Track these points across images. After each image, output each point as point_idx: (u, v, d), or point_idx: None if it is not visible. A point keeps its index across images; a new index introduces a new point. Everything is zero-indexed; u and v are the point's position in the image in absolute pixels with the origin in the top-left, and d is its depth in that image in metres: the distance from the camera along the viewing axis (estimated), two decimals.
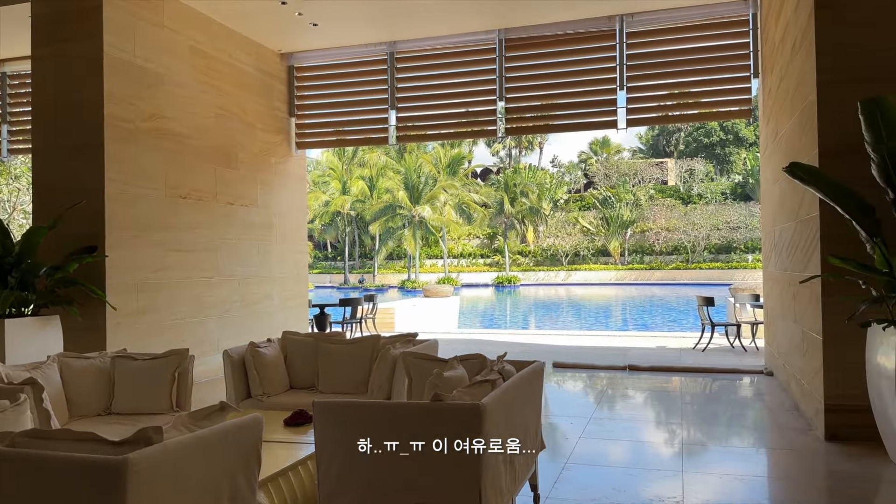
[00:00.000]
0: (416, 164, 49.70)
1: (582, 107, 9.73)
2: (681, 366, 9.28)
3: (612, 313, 28.73)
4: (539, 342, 12.39)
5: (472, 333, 14.55)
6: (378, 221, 48.41)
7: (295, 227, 11.06)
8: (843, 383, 5.44)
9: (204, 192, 9.13)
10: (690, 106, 9.38)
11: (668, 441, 5.87)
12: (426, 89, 10.40)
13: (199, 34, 9.19)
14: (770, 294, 8.75)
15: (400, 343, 5.08)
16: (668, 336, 13.30)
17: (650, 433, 6.25)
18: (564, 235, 53.40)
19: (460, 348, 11.56)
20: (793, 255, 6.86)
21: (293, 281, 10.98)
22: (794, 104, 6.66)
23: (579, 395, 8.12)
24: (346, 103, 10.78)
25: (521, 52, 9.87)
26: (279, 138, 10.78)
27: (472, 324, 23.83)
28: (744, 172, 58.55)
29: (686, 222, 50.21)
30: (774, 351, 8.51)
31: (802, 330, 6.43)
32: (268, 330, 10.21)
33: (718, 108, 9.31)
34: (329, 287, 53.44)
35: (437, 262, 54.68)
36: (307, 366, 5.46)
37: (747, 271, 47.07)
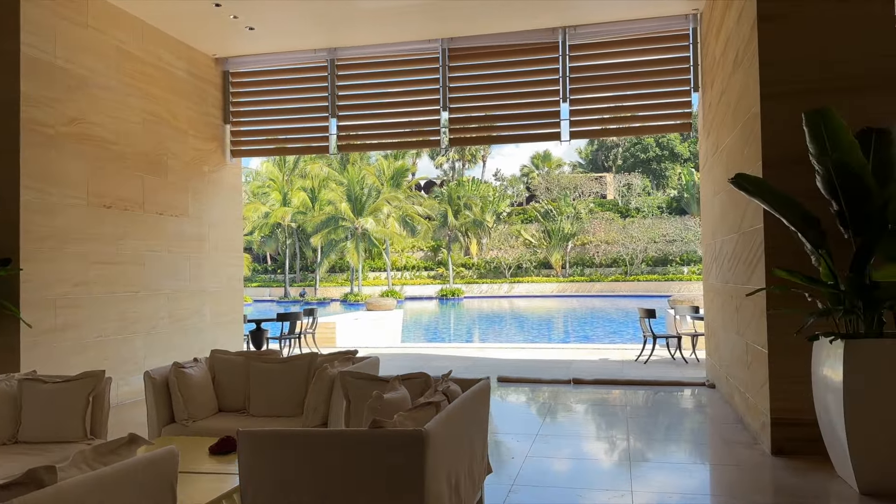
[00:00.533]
0: (360, 175, 49.24)
1: (525, 118, 9.65)
2: (624, 378, 9.22)
3: (554, 325, 28.90)
4: (483, 356, 12.21)
5: (415, 348, 14.27)
6: (320, 234, 47.65)
7: (229, 239, 10.59)
8: (789, 396, 5.40)
9: (130, 201, 8.62)
10: (632, 119, 9.41)
11: (615, 458, 5.73)
12: (368, 98, 10.14)
13: (126, 35, 8.71)
14: (711, 306, 8.80)
15: (338, 361, 4.78)
16: (611, 348, 13.33)
17: (596, 450, 6.11)
18: (507, 248, 53.76)
19: (403, 364, 11.32)
20: (735, 267, 6.87)
21: (227, 295, 10.50)
22: (736, 117, 6.68)
23: (524, 410, 7.95)
24: (285, 111, 10.41)
25: (465, 63, 9.74)
26: (213, 146, 10.32)
27: (416, 338, 23.53)
28: (679, 187, 60.27)
29: (624, 235, 51.29)
30: (716, 363, 8.54)
31: (746, 342, 6.41)
32: (198, 347, 9.71)
33: (659, 122, 9.37)
34: (269, 301, 52.23)
35: (380, 275, 54.17)
36: (237, 387, 5.10)
37: (683, 283, 48.29)
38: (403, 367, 10.70)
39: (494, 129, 9.79)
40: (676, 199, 58.77)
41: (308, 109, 10.26)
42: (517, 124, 9.70)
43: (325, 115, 10.11)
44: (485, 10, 8.80)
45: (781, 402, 5.45)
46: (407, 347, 14.24)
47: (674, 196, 59.81)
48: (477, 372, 9.86)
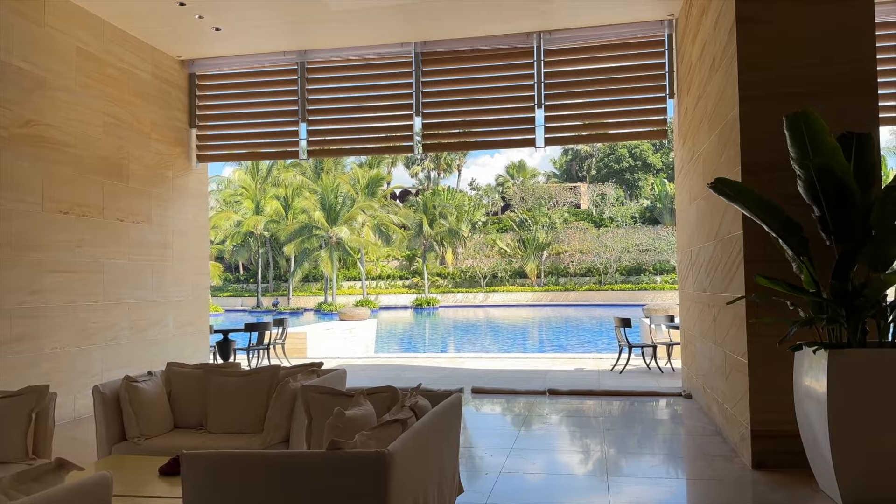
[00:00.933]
0: (334, 184, 48.82)
1: (500, 124, 9.48)
2: (600, 389, 9.05)
3: (529, 335, 28.78)
4: (458, 366, 11.97)
5: (389, 359, 13.99)
6: (293, 242, 47.11)
7: (194, 247, 10.25)
8: (769, 408, 5.26)
9: (89, 206, 8.26)
10: (607, 126, 9.29)
11: (591, 472, 5.52)
12: (339, 102, 9.91)
13: (87, 35, 8.38)
14: (687, 315, 8.67)
15: (302, 374, 4.51)
16: (586, 357, 13.18)
17: (572, 464, 5.90)
18: (482, 257, 53.66)
19: (375, 375, 11.04)
20: (712, 275, 6.74)
21: (192, 305, 10.14)
22: (713, 122, 6.57)
23: (499, 422, 7.72)
24: (253, 115, 10.12)
25: (439, 67, 9.55)
26: (178, 150, 9.99)
27: (390, 348, 23.21)
28: (651, 197, 60.83)
29: (598, 245, 51.51)
30: (693, 373, 8.40)
31: (725, 352, 6.27)
32: (161, 358, 9.35)
33: (635, 129, 9.26)
34: (241, 311, 51.46)
35: (355, 284, 53.71)
36: (195, 402, 4.80)
37: (657, 292, 48.64)
38: (375, 378, 10.42)
39: (469, 136, 9.61)
40: (649, 209, 59.29)
41: (277, 114, 9.98)
42: (491, 130, 9.53)
43: (295, 120, 9.85)
44: (459, 13, 8.64)
45: (762, 414, 5.30)
46: (380, 358, 13.95)
47: (647, 206, 60.34)
48: (451, 383, 9.62)
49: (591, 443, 6.55)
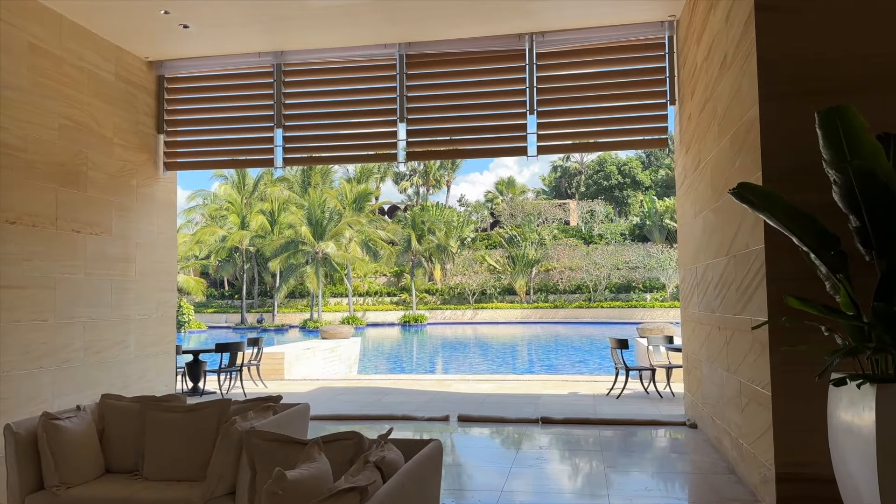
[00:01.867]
0: (321, 199, 48.11)
1: (490, 132, 8.86)
2: (597, 417, 8.36)
3: (519, 353, 28.07)
4: (443, 390, 11.26)
5: (371, 380, 13.25)
6: (279, 258, 46.26)
7: (160, 261, 9.52)
8: (798, 447, 4.60)
9: (40, 216, 7.53)
10: (603, 133, 8.70)
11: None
12: (318, 107, 9.26)
13: (42, 30, 7.70)
14: (692, 337, 8.03)
15: (255, 412, 3.81)
16: (580, 380, 12.50)
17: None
18: (471, 274, 52.99)
19: (354, 400, 10.28)
20: (724, 294, 6.11)
21: (156, 324, 9.39)
22: (724, 126, 5.97)
23: (488, 458, 7.00)
24: (226, 120, 9.44)
25: (424, 70, 8.94)
26: (143, 157, 9.29)
27: (376, 367, 22.44)
28: (641, 214, 60.57)
29: (588, 262, 51.00)
30: (698, 400, 7.75)
31: (740, 381, 5.62)
32: (121, 383, 8.60)
33: (633, 137, 8.66)
34: (225, 327, 50.48)
35: (341, 301, 52.84)
36: (130, 442, 4.09)
37: (647, 310, 48.17)
38: (353, 403, 9.69)
39: (456, 143, 8.99)
40: (639, 226, 59.00)
41: (251, 119, 9.32)
42: (481, 137, 8.91)
43: (271, 126, 9.18)
44: (445, 12, 8.04)
45: (789, 454, 4.64)
46: (362, 380, 13.21)
47: (636, 223, 60.04)
48: (435, 409, 8.91)
49: (592, 485, 5.85)
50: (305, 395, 11.06)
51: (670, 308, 47.42)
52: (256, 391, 11.49)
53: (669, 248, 51.29)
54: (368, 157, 9.33)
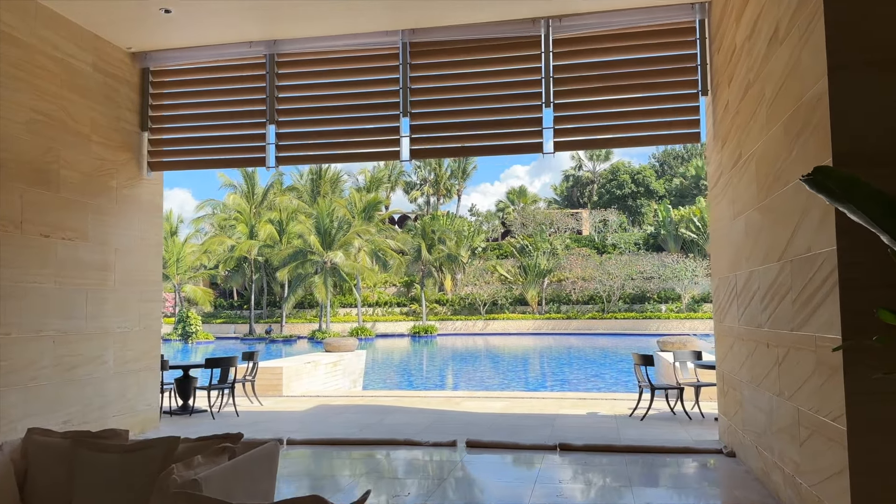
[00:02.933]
0: (330, 208, 47.48)
1: (502, 126, 8.06)
2: (622, 444, 7.49)
3: (531, 366, 27.14)
4: (451, 409, 10.41)
5: (374, 397, 12.42)
6: (287, 267, 45.61)
7: (143, 269, 8.76)
8: (884, 495, 3.73)
9: (2, 219, 6.79)
10: (627, 128, 7.86)
11: None
12: (314, 101, 8.51)
13: (10, 16, 7.00)
14: (730, 354, 7.16)
15: (205, 456, 3.00)
16: (599, 398, 11.61)
17: None
18: (482, 284, 52.10)
19: (352, 420, 9.42)
20: (776, 305, 5.25)
21: (139, 337, 8.62)
22: (776, 110, 5.14)
23: (500, 496, 6.14)
24: (215, 116, 8.70)
25: (430, 60, 8.16)
26: (125, 157, 8.56)
27: (384, 380, 21.61)
28: (655, 223, 59.51)
29: (601, 272, 49.99)
30: (737, 426, 6.86)
31: (798, 409, 4.76)
32: (97, 402, 7.83)
33: (660, 131, 7.83)
34: (233, 338, 49.85)
35: (351, 311, 52.07)
36: (58, 485, 3.29)
37: (662, 321, 47.10)
38: (350, 424, 8.87)
39: (464, 140, 8.19)
40: (653, 235, 57.96)
41: (241, 115, 8.57)
42: (491, 133, 8.11)
43: (263, 122, 8.43)
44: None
45: (869, 501, 3.78)
46: (365, 396, 12.38)
47: (650, 232, 58.99)
48: (441, 432, 8.07)
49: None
50: (302, 413, 10.25)
51: (686, 319, 46.36)
52: (251, 409, 10.69)
53: (685, 258, 50.23)
54: (369, 155, 8.56)
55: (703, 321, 45.93)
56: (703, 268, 48.95)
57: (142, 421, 8.63)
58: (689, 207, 56.15)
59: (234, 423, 9.44)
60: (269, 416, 10.05)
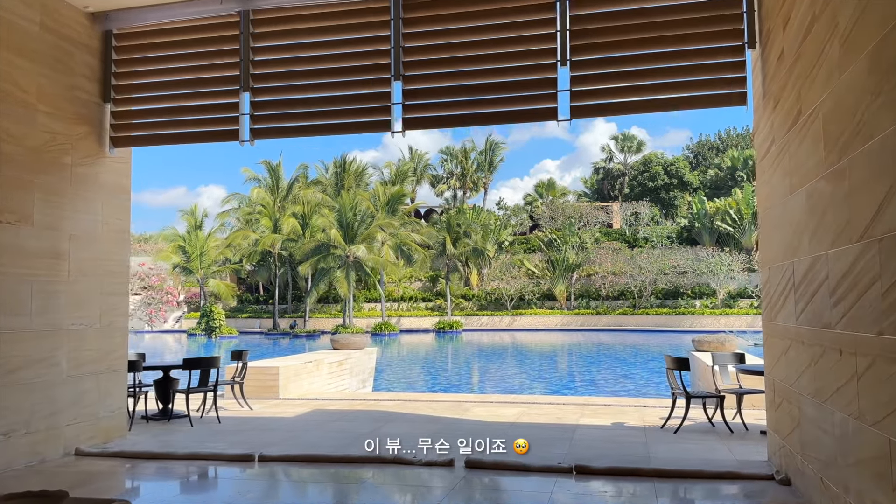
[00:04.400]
0: (353, 201, 46.58)
1: (509, 89, 6.86)
2: (651, 467, 6.26)
3: (557, 365, 25.84)
4: (459, 416, 9.27)
5: (378, 401, 11.32)
6: (309, 262, 44.83)
7: (106, 259, 7.76)
8: None
9: None
10: (657, 89, 6.59)
11: None
12: (293, 64, 7.40)
13: None
14: (783, 359, 5.89)
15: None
16: (625, 404, 10.37)
17: None
18: (509, 278, 50.76)
19: (343, 430, 8.25)
20: (852, 301, 4.00)
21: (100, 335, 7.63)
22: (857, 40, 3.88)
23: None
24: (183, 83, 7.64)
25: (426, 14, 6.99)
26: (82, 130, 7.55)
27: (398, 380, 20.55)
28: (689, 216, 57.49)
29: (632, 266, 48.28)
30: (793, 448, 5.60)
31: (890, 440, 3.52)
32: (46, 410, 6.86)
33: (696, 92, 6.54)
34: (258, 333, 49.39)
35: (376, 306, 51.18)
36: None
37: (696, 317, 45.32)
38: (340, 434, 7.77)
39: (465, 106, 7.01)
40: (686, 228, 55.99)
41: (212, 81, 7.51)
42: (498, 98, 6.91)
43: (236, 89, 7.36)
44: None
45: None
46: (367, 401, 11.29)
47: (684, 225, 57.01)
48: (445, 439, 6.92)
49: None
50: (292, 420, 9.20)
51: (721, 316, 44.54)
52: (239, 413, 9.69)
53: (720, 252, 48.29)
54: (355, 126, 7.41)
55: (740, 317, 44.10)
56: (740, 262, 47.01)
57: (105, 430, 7.64)
58: (724, 199, 54.06)
59: (216, 431, 8.45)
60: (254, 423, 9.02)
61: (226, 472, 6.50)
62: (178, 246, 50.34)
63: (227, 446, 7.34)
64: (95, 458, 6.88)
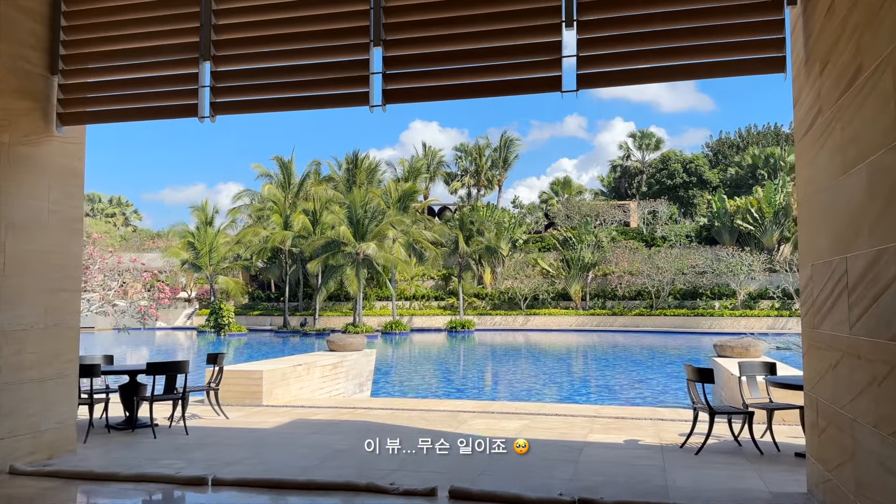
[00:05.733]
0: (364, 198, 45.75)
1: (505, 55, 5.89)
2: (672, 502, 5.27)
3: (571, 368, 24.80)
4: (453, 430, 8.32)
5: (368, 410, 10.41)
6: (318, 259, 44.06)
7: (53, 251, 6.90)
8: None
9: None
10: (677, 53, 5.58)
11: None
12: (259, 28, 6.46)
13: None
14: (830, 375, 4.88)
15: None
16: (640, 416, 9.36)
17: None
18: (523, 277, 49.70)
19: (322, 446, 7.17)
20: None
21: (45, 337, 6.76)
22: None
23: None
24: (138, 52, 6.74)
25: None
26: (25, 106, 6.68)
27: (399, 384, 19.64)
28: (708, 215, 56.07)
29: (650, 266, 47.01)
30: (843, 484, 4.59)
31: None
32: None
33: (724, 56, 5.53)
34: (268, 330, 48.81)
35: (387, 305, 50.35)
36: None
37: (715, 318, 44.04)
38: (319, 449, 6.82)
39: (457, 75, 6.05)
40: (706, 227, 54.59)
41: (168, 49, 6.60)
42: (495, 65, 5.94)
43: (195, 58, 6.46)
44: None
45: None
46: (356, 410, 10.34)
47: (703, 224, 55.59)
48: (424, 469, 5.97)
49: None
50: (267, 432, 8.30)
51: (741, 317, 43.23)
52: (213, 423, 8.82)
53: (740, 252, 46.89)
54: (331, 98, 6.47)
55: (760, 319, 42.81)
56: (761, 262, 45.63)
57: (49, 444, 6.77)
58: (745, 198, 52.58)
59: (179, 444, 7.56)
60: (224, 435, 8.14)
61: (171, 498, 5.61)
62: (187, 242, 49.83)
63: (183, 465, 6.45)
64: (28, 478, 6.01)
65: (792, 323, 42.12)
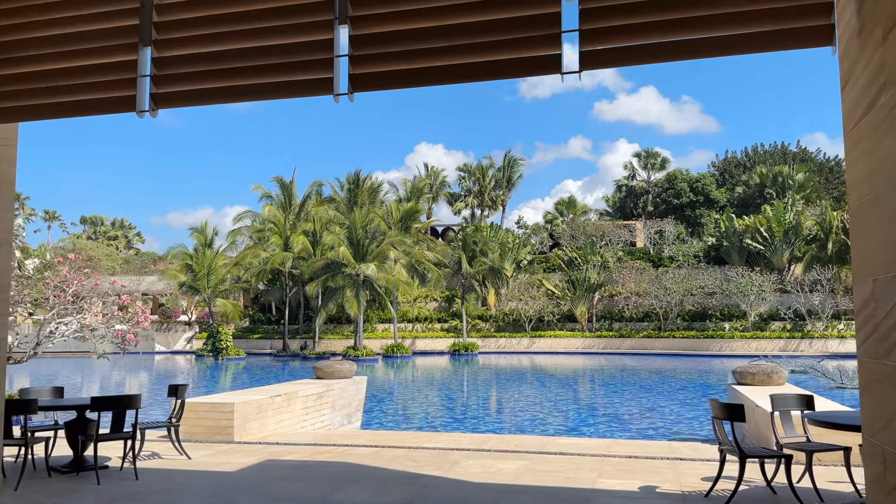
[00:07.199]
0: (365, 219, 44.89)
1: (495, 31, 4.93)
2: None
3: (577, 394, 23.62)
4: (442, 475, 7.25)
5: (349, 448, 9.33)
6: (317, 281, 43.07)
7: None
8: None
9: None
10: (697, 24, 4.61)
11: None
12: (207, 7, 5.53)
13: None
14: None
15: None
16: (656, 455, 8.26)
17: None
18: (528, 299, 48.60)
19: (286, 498, 6.08)
20: None
21: None
22: None
23: None
24: (66, 38, 5.82)
25: None
26: None
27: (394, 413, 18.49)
28: (717, 234, 54.96)
29: (657, 286, 45.85)
30: None
31: None
32: None
33: (757, 27, 4.56)
34: (267, 354, 47.70)
35: (389, 327, 49.26)
36: None
37: (725, 341, 42.79)
38: (287, 500, 5.78)
39: (438, 55, 5.10)
40: (714, 247, 53.42)
41: (102, 34, 5.68)
42: (483, 42, 4.98)
43: (135, 42, 5.53)
44: None
45: None
46: (335, 449, 9.27)
47: (711, 244, 54.46)
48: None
49: None
50: (230, 476, 7.24)
51: (752, 339, 41.96)
52: (173, 464, 7.77)
53: (750, 272, 45.71)
54: (289, 86, 5.52)
55: (772, 341, 41.55)
56: (771, 282, 44.45)
57: None
58: (754, 217, 51.49)
59: (125, 492, 6.52)
60: (181, 479, 7.08)
61: None
62: (185, 264, 48.96)
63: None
64: None
65: (804, 345, 40.90)
